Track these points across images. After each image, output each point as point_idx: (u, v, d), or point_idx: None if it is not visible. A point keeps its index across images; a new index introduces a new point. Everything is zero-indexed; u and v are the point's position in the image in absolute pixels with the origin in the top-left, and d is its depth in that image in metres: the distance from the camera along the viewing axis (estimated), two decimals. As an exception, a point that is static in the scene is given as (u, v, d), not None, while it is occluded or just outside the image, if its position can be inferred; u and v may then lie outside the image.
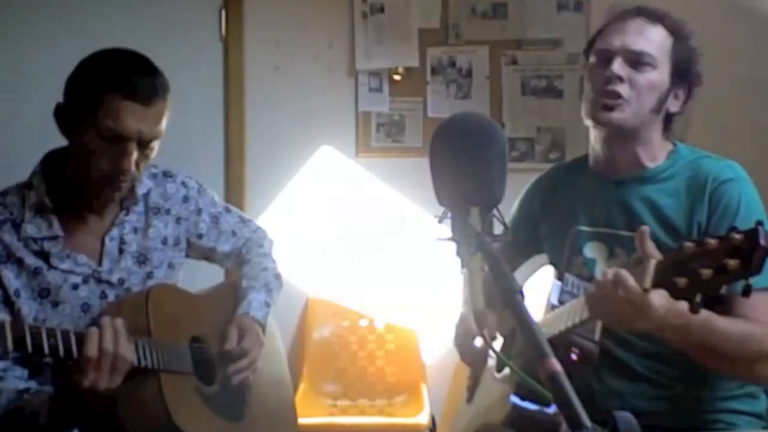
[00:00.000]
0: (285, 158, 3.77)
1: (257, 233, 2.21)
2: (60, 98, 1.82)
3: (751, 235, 1.29)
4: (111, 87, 1.75)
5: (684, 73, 1.85)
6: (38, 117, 3.49)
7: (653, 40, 1.83)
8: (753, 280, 1.33)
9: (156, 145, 1.84)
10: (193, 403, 1.87)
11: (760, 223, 1.30)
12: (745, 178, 1.81)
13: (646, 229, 1.54)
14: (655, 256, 1.50)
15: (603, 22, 1.91)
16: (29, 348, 1.59)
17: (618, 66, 1.81)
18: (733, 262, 1.29)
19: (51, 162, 1.89)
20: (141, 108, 1.76)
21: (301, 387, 3.55)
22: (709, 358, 1.69)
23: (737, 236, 1.30)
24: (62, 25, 3.66)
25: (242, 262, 2.15)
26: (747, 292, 1.31)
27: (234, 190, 3.74)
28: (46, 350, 1.61)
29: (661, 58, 1.83)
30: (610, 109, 1.82)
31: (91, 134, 1.76)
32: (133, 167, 1.79)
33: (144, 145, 1.80)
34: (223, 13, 3.76)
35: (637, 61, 1.82)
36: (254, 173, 3.77)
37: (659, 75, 1.83)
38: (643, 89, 1.81)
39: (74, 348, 1.64)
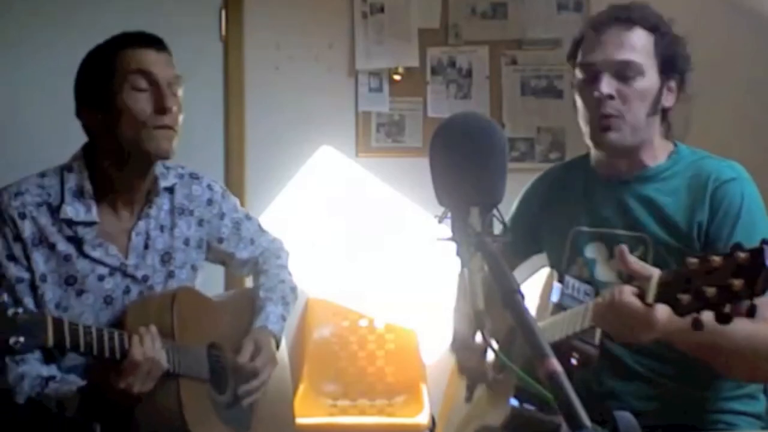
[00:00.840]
0: (285, 158, 3.77)
1: (274, 243, 2.22)
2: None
3: (756, 254, 1.26)
4: (120, 46, 1.84)
5: (671, 65, 1.83)
6: (37, 121, 3.55)
7: (635, 45, 1.80)
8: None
9: (181, 93, 1.88)
10: (206, 411, 1.88)
11: (765, 242, 1.28)
12: (747, 178, 1.80)
13: (623, 248, 1.53)
14: (641, 272, 1.49)
15: (581, 30, 1.89)
16: (67, 344, 1.62)
17: (605, 85, 1.79)
18: (737, 282, 1.26)
19: (88, 151, 1.90)
20: (154, 52, 1.85)
21: (301, 387, 3.55)
22: (716, 360, 1.68)
23: (742, 255, 1.27)
24: (62, 25, 3.66)
25: (259, 272, 2.17)
26: (752, 312, 1.26)
27: (234, 190, 3.66)
28: (82, 347, 1.64)
29: (647, 62, 1.80)
30: (606, 129, 1.81)
31: (121, 95, 1.81)
32: (174, 106, 1.84)
33: (173, 91, 1.85)
34: (223, 13, 3.76)
35: (623, 73, 1.79)
36: (254, 173, 3.77)
37: (649, 80, 1.81)
38: (636, 100, 1.80)
39: (106, 346, 1.67)
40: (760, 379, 1.79)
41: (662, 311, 1.46)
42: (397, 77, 3.79)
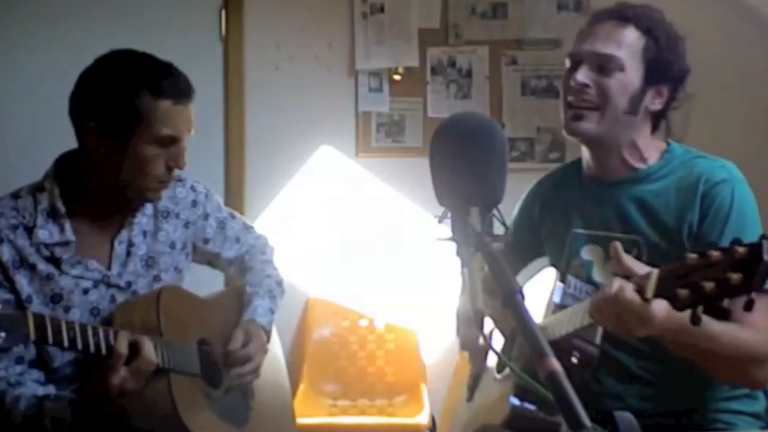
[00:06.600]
0: (285, 158, 3.77)
1: (260, 240, 2.23)
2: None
3: (755, 248, 1.26)
4: (150, 86, 1.78)
5: (661, 71, 1.82)
6: (36, 124, 3.54)
7: (622, 42, 1.80)
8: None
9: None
10: (199, 405, 1.88)
11: (764, 237, 1.28)
12: (739, 178, 1.79)
13: (617, 245, 1.53)
14: (635, 269, 1.49)
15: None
16: (50, 339, 1.61)
17: (582, 74, 1.80)
18: (736, 276, 1.26)
19: (64, 165, 1.88)
20: (185, 108, 1.83)
21: (301, 387, 3.55)
22: (704, 361, 1.68)
23: (741, 249, 1.27)
24: (62, 26, 3.66)
25: (245, 269, 2.17)
26: (749, 306, 1.26)
27: (234, 190, 3.74)
28: (66, 342, 1.63)
29: (630, 60, 1.80)
30: (578, 118, 1.82)
31: (144, 142, 1.78)
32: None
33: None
34: (223, 13, 3.76)
35: (602, 65, 1.80)
36: (254, 173, 3.77)
37: (628, 76, 1.80)
38: (612, 92, 1.79)
39: (91, 341, 1.66)
40: (739, 381, 1.78)
41: (660, 308, 1.46)
42: (397, 77, 3.80)
